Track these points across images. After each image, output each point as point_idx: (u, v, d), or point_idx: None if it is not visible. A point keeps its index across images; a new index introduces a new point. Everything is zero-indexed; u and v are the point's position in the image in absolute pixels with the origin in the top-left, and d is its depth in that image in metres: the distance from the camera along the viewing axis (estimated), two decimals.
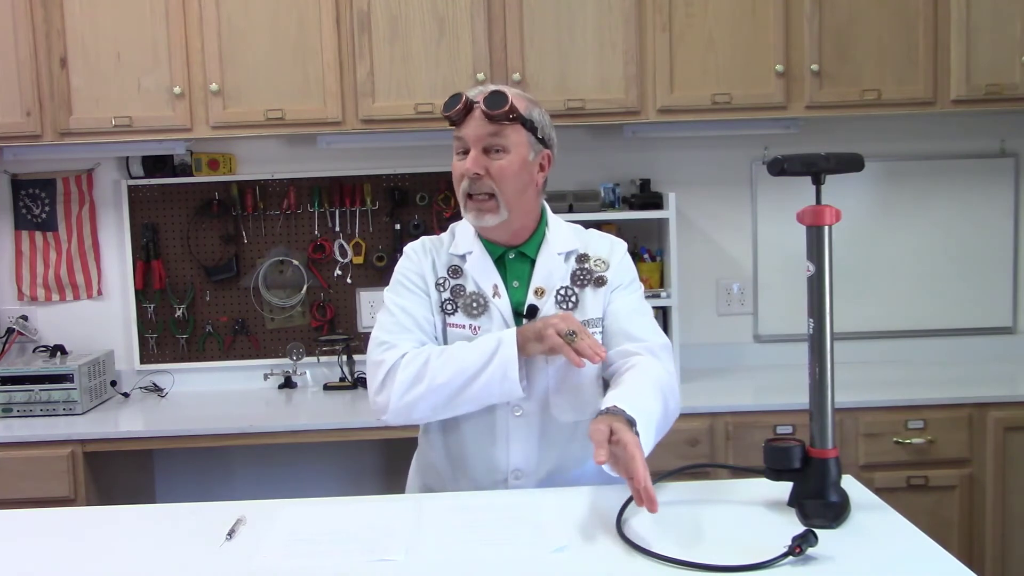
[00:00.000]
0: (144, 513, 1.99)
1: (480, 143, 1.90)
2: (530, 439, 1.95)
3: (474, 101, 1.90)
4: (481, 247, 2.00)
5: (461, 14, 3.15)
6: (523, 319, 1.96)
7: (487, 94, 1.89)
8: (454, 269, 2.00)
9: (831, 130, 3.50)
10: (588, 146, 3.56)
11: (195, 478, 3.61)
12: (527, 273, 2.00)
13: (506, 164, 1.91)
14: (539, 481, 1.96)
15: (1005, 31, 3.19)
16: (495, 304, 1.96)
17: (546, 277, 1.98)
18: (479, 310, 1.96)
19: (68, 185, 3.54)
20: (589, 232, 2.11)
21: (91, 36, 3.15)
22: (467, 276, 1.98)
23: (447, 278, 1.99)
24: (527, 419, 1.94)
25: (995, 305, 3.62)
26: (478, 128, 1.90)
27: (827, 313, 1.71)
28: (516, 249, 2.00)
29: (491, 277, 1.97)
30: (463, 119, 1.91)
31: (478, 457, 1.96)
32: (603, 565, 1.53)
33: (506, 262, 2.00)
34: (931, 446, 3.02)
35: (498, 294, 1.96)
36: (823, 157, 1.71)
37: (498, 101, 1.88)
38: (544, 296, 1.97)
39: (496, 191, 1.90)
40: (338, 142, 3.46)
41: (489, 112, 1.88)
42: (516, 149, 1.92)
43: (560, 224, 2.07)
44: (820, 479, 1.69)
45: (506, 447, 1.95)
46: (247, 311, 3.58)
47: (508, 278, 2.00)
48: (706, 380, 3.37)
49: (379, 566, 1.55)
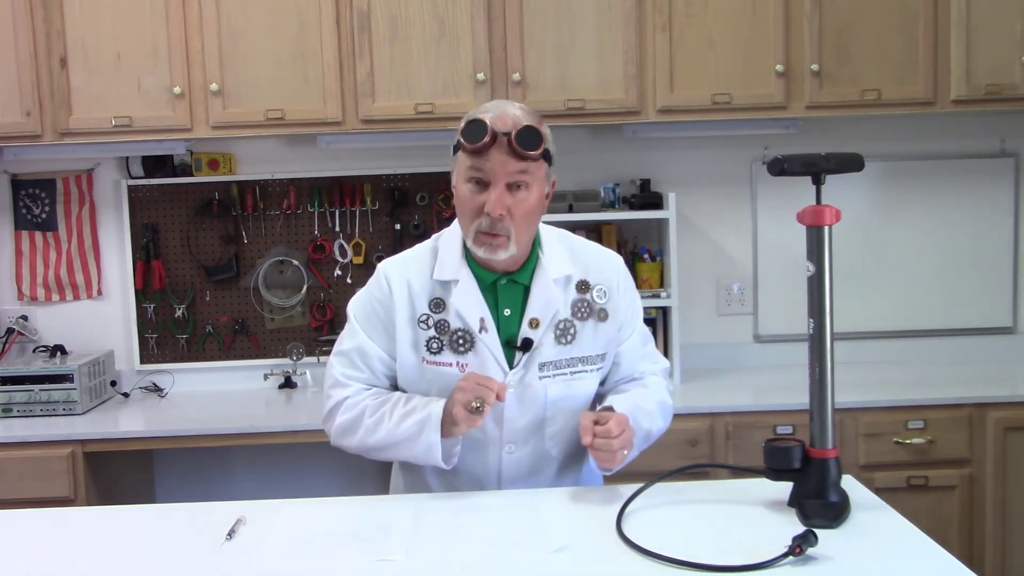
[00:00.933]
0: (144, 513, 1.99)
1: (505, 179, 1.75)
2: (521, 473, 1.93)
3: (501, 133, 1.74)
4: (469, 273, 1.86)
5: (461, 14, 3.15)
6: (517, 351, 1.86)
7: (519, 130, 1.74)
8: (436, 303, 1.86)
9: (831, 130, 3.50)
10: (588, 146, 3.56)
11: (195, 478, 3.61)
12: (520, 301, 1.87)
13: (530, 203, 1.78)
14: None
15: (1005, 31, 3.19)
16: (483, 340, 1.84)
17: (542, 307, 1.86)
18: (466, 347, 1.85)
19: (68, 185, 3.53)
20: (584, 248, 1.97)
21: (91, 36, 3.15)
22: (451, 310, 1.85)
23: (429, 314, 1.86)
24: (519, 455, 1.92)
25: (995, 305, 3.62)
26: (506, 164, 1.74)
27: (827, 313, 1.71)
28: (509, 276, 1.87)
29: (478, 310, 1.84)
30: (485, 151, 1.75)
31: (468, 483, 1.94)
32: (603, 565, 1.53)
33: (498, 288, 1.87)
34: (931, 446, 3.02)
35: (485, 328, 1.84)
36: (823, 157, 1.71)
37: (533, 140, 1.74)
38: (539, 328, 1.86)
39: (511, 232, 1.77)
40: (338, 142, 3.46)
41: (522, 152, 1.74)
42: (536, 184, 1.80)
43: (553, 244, 1.92)
44: (820, 479, 1.69)
45: (497, 482, 1.93)
46: (247, 311, 3.58)
47: (499, 306, 1.87)
48: (706, 380, 3.37)
49: (379, 566, 1.55)
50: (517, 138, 1.73)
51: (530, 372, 1.86)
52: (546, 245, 1.91)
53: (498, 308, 1.87)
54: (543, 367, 1.87)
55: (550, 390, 1.87)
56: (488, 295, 1.87)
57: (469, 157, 1.77)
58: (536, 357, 1.86)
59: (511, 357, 1.86)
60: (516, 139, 1.73)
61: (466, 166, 1.78)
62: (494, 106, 1.82)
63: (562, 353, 1.88)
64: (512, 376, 1.86)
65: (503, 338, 1.86)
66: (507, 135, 1.74)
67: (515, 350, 1.86)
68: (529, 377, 1.86)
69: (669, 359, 3.31)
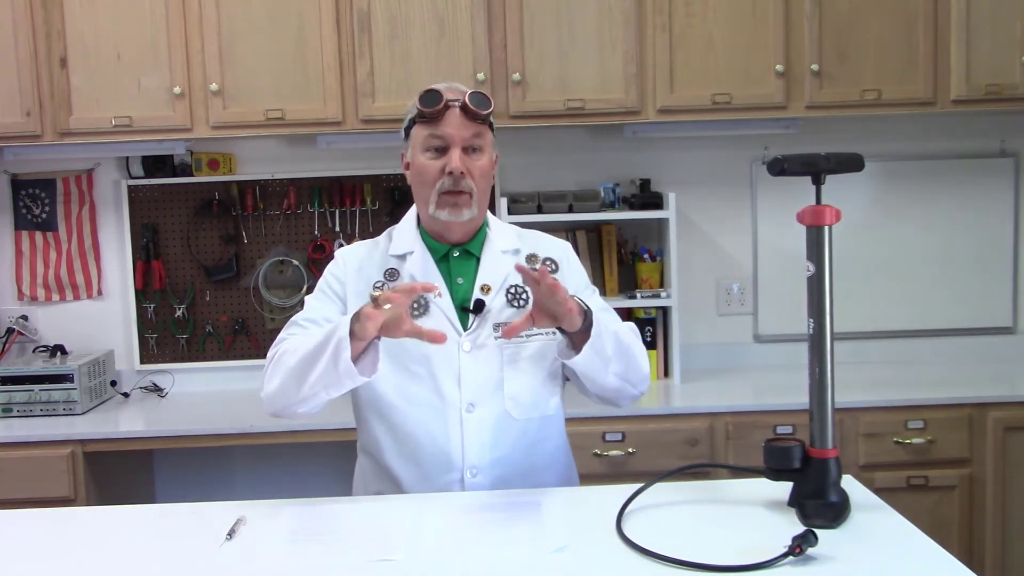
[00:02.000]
0: (144, 513, 1.99)
1: (461, 143, 1.91)
2: (484, 440, 1.92)
3: (452, 100, 1.90)
4: (423, 246, 1.99)
5: (461, 14, 3.15)
6: (469, 314, 1.95)
7: (470, 94, 1.91)
8: (390, 272, 1.99)
9: (831, 130, 3.50)
10: (588, 146, 3.56)
11: (195, 478, 3.61)
12: (472, 270, 1.99)
13: (483, 164, 1.94)
14: (495, 478, 1.93)
15: (1005, 31, 3.19)
16: (437, 303, 1.94)
17: (492, 273, 1.98)
18: (420, 311, 1.94)
19: (68, 185, 3.54)
20: (531, 232, 2.11)
21: (91, 36, 3.15)
22: (405, 277, 1.97)
23: (384, 281, 1.97)
24: (480, 416, 1.92)
25: (995, 305, 3.62)
26: (461, 128, 1.91)
27: (827, 313, 1.71)
28: (461, 247, 1.99)
29: (432, 277, 1.96)
30: (441, 117, 1.91)
31: (432, 454, 1.92)
32: (603, 565, 1.53)
33: (451, 260, 1.99)
34: (931, 446, 3.02)
35: (439, 294, 1.94)
36: (823, 157, 1.71)
37: (484, 101, 1.91)
38: (491, 292, 1.96)
39: (473, 189, 1.92)
40: (338, 142, 3.46)
41: (476, 111, 1.90)
42: (487, 149, 1.96)
43: (500, 224, 2.08)
44: (820, 479, 1.69)
45: (460, 443, 1.92)
46: (247, 311, 3.58)
47: (452, 275, 1.98)
48: (706, 380, 3.37)
49: (379, 566, 1.55)
50: (471, 98, 1.90)
51: (484, 333, 1.94)
52: (493, 224, 2.05)
53: (451, 277, 1.98)
54: (497, 327, 1.94)
55: (505, 350, 1.94)
56: (441, 265, 1.98)
57: (426, 127, 1.92)
58: (489, 319, 1.95)
59: (465, 321, 1.95)
60: (469, 99, 1.90)
61: (423, 136, 1.93)
62: (442, 83, 1.97)
63: (515, 316, 1.94)
64: (466, 337, 1.93)
65: (457, 304, 1.96)
66: (458, 101, 1.90)
67: (468, 313, 1.95)
68: (484, 338, 1.94)
69: (669, 359, 3.35)
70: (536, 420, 1.97)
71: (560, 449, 2.06)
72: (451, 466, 1.92)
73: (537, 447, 1.98)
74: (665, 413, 3.06)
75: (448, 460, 1.92)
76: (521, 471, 1.95)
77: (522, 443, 1.96)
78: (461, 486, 1.92)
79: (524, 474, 1.95)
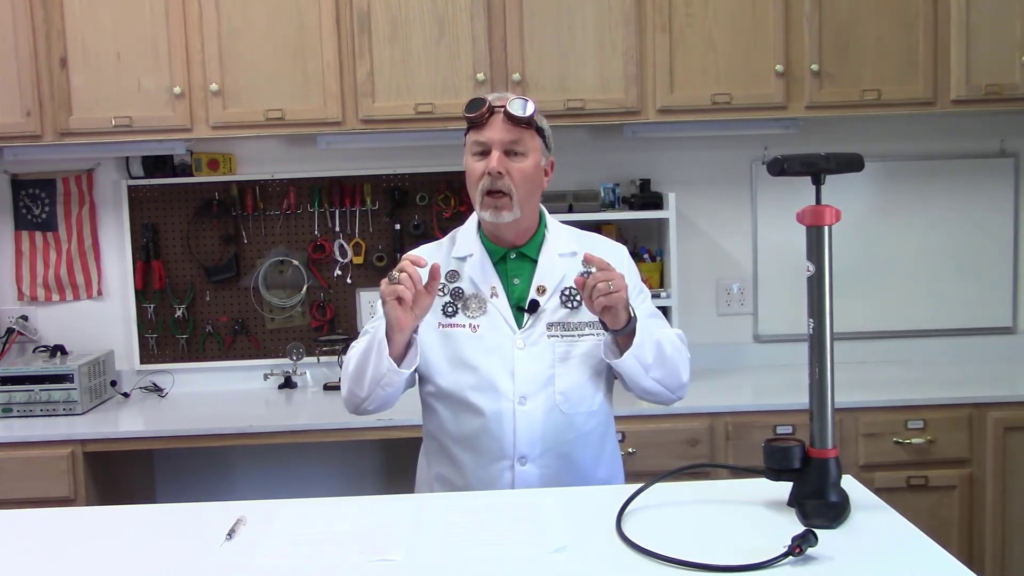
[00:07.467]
0: (144, 513, 1.99)
1: (502, 146, 2.00)
2: (533, 426, 2.00)
3: (496, 106, 2.00)
4: (482, 249, 2.09)
5: (461, 14, 3.15)
6: (524, 314, 2.04)
7: (511, 100, 2.00)
8: (452, 274, 2.09)
9: (831, 130, 3.50)
10: (588, 146, 3.56)
11: (195, 478, 3.61)
12: (529, 272, 2.08)
13: (525, 167, 2.01)
14: (543, 467, 2.01)
15: (1005, 31, 3.19)
16: (493, 304, 2.05)
17: (548, 275, 2.06)
18: (479, 311, 2.05)
19: (68, 185, 3.54)
20: (588, 235, 2.20)
21: (91, 36, 3.15)
22: (465, 278, 2.07)
23: (446, 283, 2.08)
24: (531, 407, 2.00)
25: (995, 305, 3.62)
26: (502, 132, 2.00)
27: (827, 313, 1.71)
28: (518, 250, 2.09)
29: (489, 279, 2.06)
30: (485, 123, 2.01)
31: (487, 442, 2.01)
32: (603, 565, 1.53)
33: (508, 262, 2.08)
34: (931, 446, 3.02)
35: (496, 294, 2.05)
36: (823, 157, 1.71)
37: (523, 106, 2.00)
38: (545, 293, 2.05)
39: (512, 191, 1.99)
40: (338, 142, 3.46)
41: (516, 117, 1.99)
42: (532, 154, 2.03)
43: (559, 226, 2.16)
44: (820, 479, 1.69)
45: (512, 433, 2.00)
46: (247, 311, 3.58)
47: (509, 276, 2.08)
48: (706, 380, 3.36)
49: (379, 566, 1.55)
50: (510, 104, 2.00)
51: (537, 331, 2.04)
52: (551, 225, 2.14)
53: (508, 277, 2.08)
54: (550, 327, 2.04)
55: (557, 348, 2.03)
56: (500, 267, 2.08)
57: (473, 133, 2.03)
58: (543, 318, 2.04)
59: (521, 320, 2.05)
60: (509, 105, 2.00)
61: (471, 141, 2.04)
62: (493, 93, 2.13)
63: (568, 316, 2.05)
64: (521, 334, 2.03)
65: (513, 303, 2.05)
66: (502, 107, 2.00)
67: (523, 312, 2.05)
68: (537, 335, 2.03)
69: None
70: (583, 414, 2.05)
71: (607, 443, 2.13)
72: (503, 454, 2.01)
73: (584, 440, 2.05)
74: (665, 413, 3.04)
75: (500, 448, 2.01)
76: (568, 462, 2.03)
77: (570, 435, 2.03)
78: (512, 473, 2.00)
79: (571, 466, 2.03)
